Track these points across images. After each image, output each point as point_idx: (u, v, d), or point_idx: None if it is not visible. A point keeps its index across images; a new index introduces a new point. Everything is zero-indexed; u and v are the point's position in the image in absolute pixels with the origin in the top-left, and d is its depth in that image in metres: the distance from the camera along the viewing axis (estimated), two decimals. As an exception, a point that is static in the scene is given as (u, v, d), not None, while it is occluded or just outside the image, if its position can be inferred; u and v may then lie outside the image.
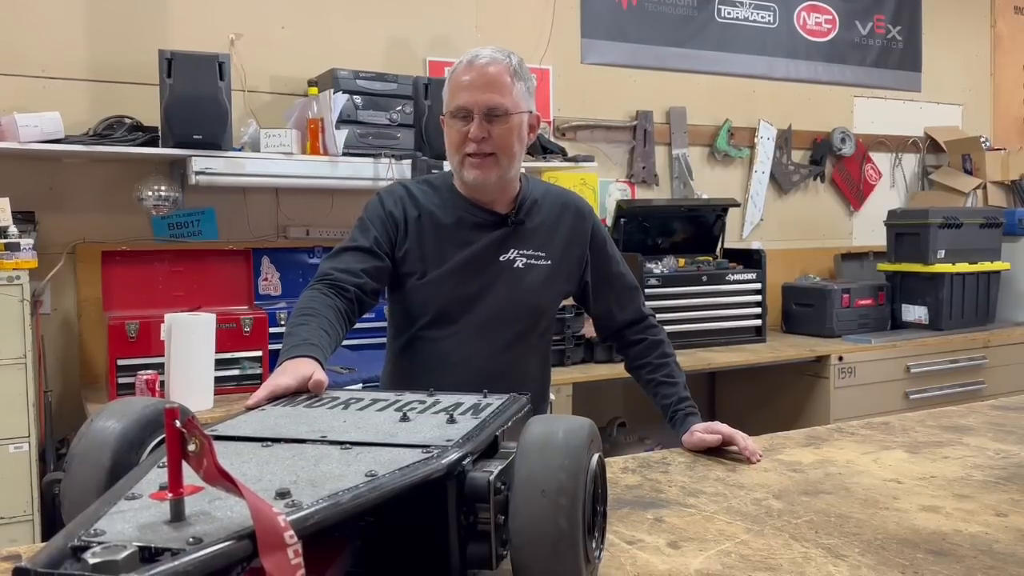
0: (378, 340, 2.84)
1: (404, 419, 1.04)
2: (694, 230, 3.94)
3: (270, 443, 0.94)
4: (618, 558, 1.08)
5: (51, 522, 2.46)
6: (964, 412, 1.98)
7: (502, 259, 1.67)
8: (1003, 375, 4.01)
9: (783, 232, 4.46)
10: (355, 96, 3.04)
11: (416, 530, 0.89)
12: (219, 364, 2.59)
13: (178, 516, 0.71)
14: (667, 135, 4.12)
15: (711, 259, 3.83)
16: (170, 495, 0.71)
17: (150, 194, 2.88)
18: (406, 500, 0.83)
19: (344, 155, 2.97)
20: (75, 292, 2.94)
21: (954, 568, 1.06)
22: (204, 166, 2.74)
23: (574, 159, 3.54)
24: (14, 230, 2.50)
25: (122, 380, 2.57)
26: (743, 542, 1.14)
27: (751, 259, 3.81)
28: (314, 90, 3.08)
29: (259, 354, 2.73)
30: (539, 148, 3.42)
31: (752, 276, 3.74)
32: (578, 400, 3.08)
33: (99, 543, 0.65)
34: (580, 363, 3.26)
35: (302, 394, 1.22)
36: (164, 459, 0.72)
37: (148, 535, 0.68)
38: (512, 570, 0.87)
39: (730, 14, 4.27)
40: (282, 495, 0.77)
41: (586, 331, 3.23)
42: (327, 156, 2.96)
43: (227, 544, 0.66)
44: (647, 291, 3.37)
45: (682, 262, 3.72)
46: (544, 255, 1.70)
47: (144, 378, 2.48)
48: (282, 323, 2.86)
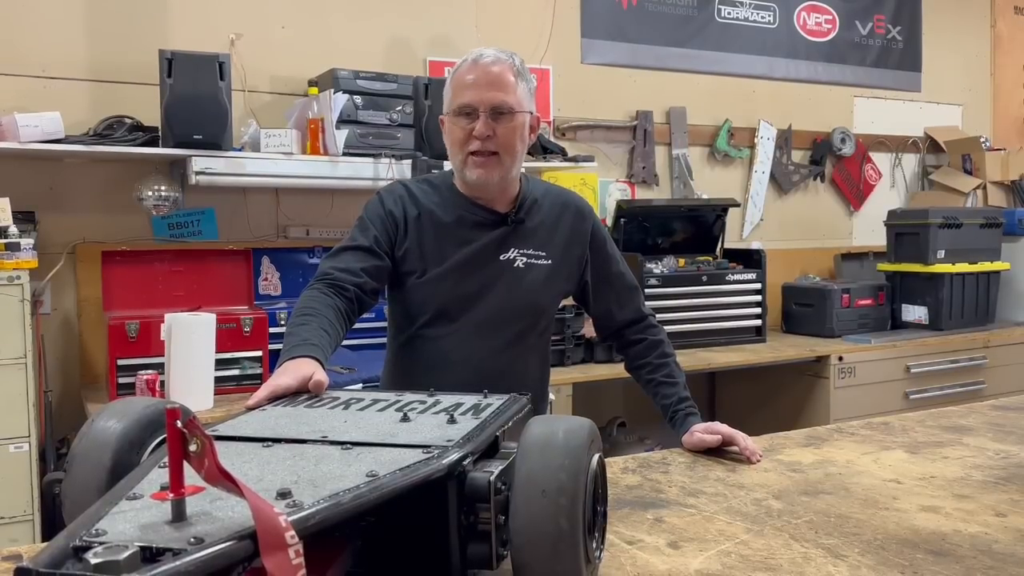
0: (378, 340, 2.84)
1: (405, 419, 1.05)
2: (694, 230, 3.94)
3: (271, 443, 0.94)
4: (618, 558, 1.08)
5: (51, 522, 2.47)
6: (964, 412, 1.98)
7: (502, 258, 1.67)
8: (1003, 375, 4.01)
9: (783, 232, 4.46)
10: (355, 96, 3.04)
11: (417, 530, 0.89)
12: (219, 364, 2.59)
13: (179, 516, 0.71)
14: (667, 135, 4.12)
15: (711, 259, 3.83)
16: (171, 495, 0.71)
17: (150, 194, 2.88)
18: (407, 500, 0.83)
19: (344, 155, 2.98)
20: (75, 292, 2.94)
21: (954, 568, 1.06)
22: (204, 166, 2.74)
23: (574, 159, 3.54)
24: (14, 230, 2.50)
25: (122, 380, 2.57)
26: (743, 542, 1.14)
27: (751, 259, 3.81)
28: (314, 90, 3.08)
29: (259, 354, 2.73)
30: (539, 148, 3.42)
31: (752, 276, 3.74)
32: (578, 400, 3.08)
33: (101, 543, 0.65)
34: (580, 363, 3.26)
35: (302, 394, 1.22)
36: (165, 459, 0.73)
37: (149, 535, 0.68)
38: (512, 570, 0.87)
39: (730, 14, 4.27)
40: (283, 495, 0.77)
41: (586, 331, 3.23)
42: (327, 156, 2.96)
43: (228, 544, 0.67)
44: (647, 291, 3.37)
45: (682, 262, 3.72)
46: (544, 254, 1.70)
47: (144, 378, 2.48)
48: (282, 323, 2.86)
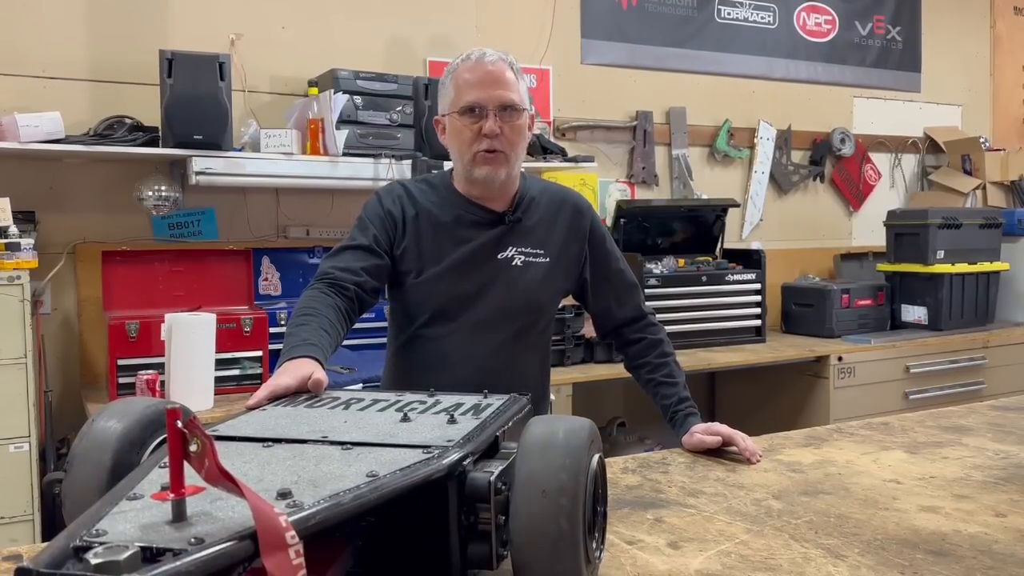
0: (378, 340, 2.84)
1: (405, 419, 1.05)
2: (694, 230, 3.94)
3: (271, 443, 0.94)
4: (618, 558, 1.08)
5: (51, 522, 2.46)
6: (964, 412, 1.98)
7: (500, 257, 1.67)
8: (1003, 375, 4.01)
9: (783, 232, 4.46)
10: (355, 96, 3.04)
11: (417, 530, 0.89)
12: (219, 364, 2.59)
13: (180, 516, 0.71)
14: (667, 135, 4.12)
15: (711, 259, 3.83)
16: (172, 495, 0.71)
17: (150, 194, 2.88)
18: (407, 500, 0.83)
19: (344, 155, 2.98)
20: (75, 292, 2.94)
21: (953, 568, 1.06)
22: (204, 166, 2.74)
23: (574, 159, 3.54)
24: (14, 230, 2.50)
25: (122, 380, 2.57)
26: (743, 542, 1.14)
27: (751, 259, 3.81)
28: (314, 90, 3.08)
29: (259, 354, 2.73)
30: (539, 148, 3.42)
31: (752, 276, 3.74)
32: (578, 400, 3.08)
33: (101, 543, 0.65)
34: (580, 363, 3.26)
35: (302, 394, 1.22)
36: (166, 459, 0.73)
37: (150, 535, 0.68)
38: (512, 570, 0.87)
39: (730, 14, 4.27)
40: (283, 495, 0.77)
41: (586, 331, 3.23)
42: (327, 156, 2.96)
43: (229, 544, 0.67)
44: (647, 291, 3.37)
45: (682, 262, 3.72)
46: (542, 252, 1.70)
47: (144, 378, 2.48)
48: (282, 323, 2.86)
